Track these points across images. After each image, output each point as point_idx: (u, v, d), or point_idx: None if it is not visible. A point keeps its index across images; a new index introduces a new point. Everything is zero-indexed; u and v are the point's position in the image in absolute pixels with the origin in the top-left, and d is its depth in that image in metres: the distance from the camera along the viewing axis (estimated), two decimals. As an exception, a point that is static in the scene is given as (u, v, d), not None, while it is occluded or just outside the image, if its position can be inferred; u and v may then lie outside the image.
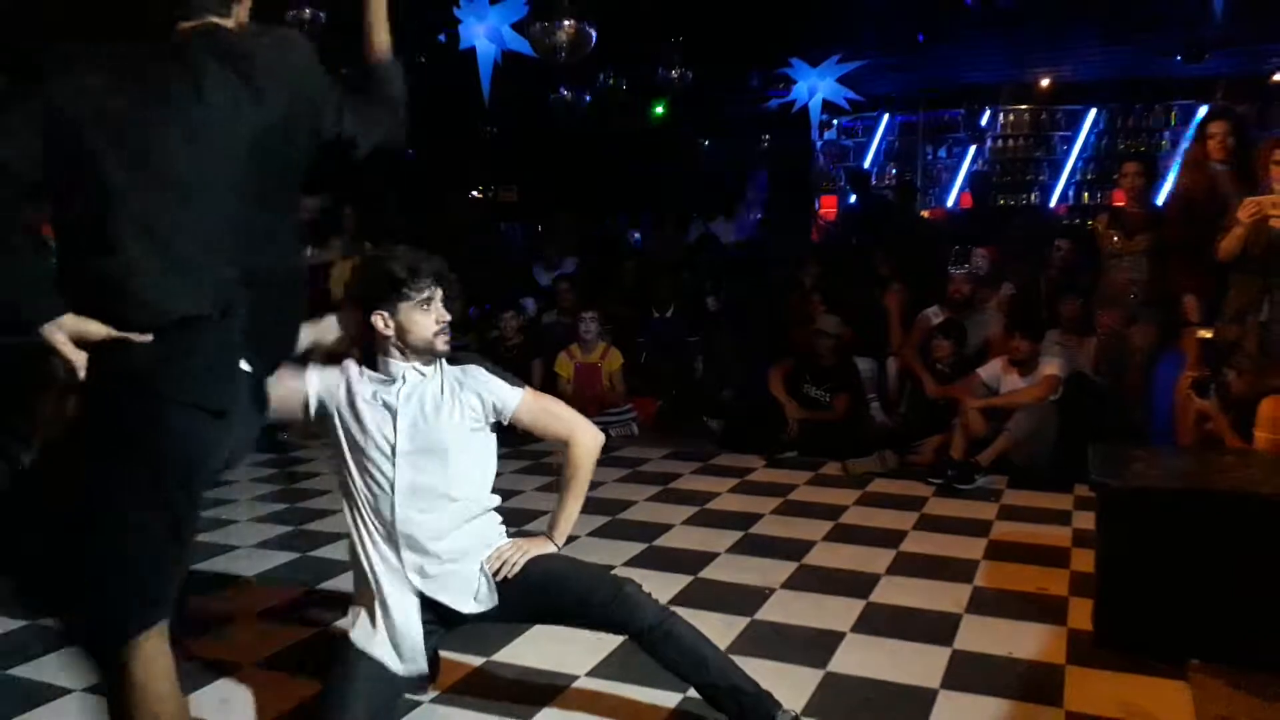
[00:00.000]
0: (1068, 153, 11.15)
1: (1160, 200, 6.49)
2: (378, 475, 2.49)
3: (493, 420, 2.60)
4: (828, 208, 11.65)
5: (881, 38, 8.79)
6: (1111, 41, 8.82)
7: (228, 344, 1.85)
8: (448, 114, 10.33)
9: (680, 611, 3.37)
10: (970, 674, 2.96)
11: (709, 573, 3.83)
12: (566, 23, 6.20)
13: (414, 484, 2.48)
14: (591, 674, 2.97)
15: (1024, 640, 3.18)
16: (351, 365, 2.57)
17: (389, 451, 2.48)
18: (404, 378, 2.52)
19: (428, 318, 2.48)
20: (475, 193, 13.28)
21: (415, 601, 2.51)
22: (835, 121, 11.66)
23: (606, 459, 5.78)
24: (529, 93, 8.87)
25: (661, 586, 3.64)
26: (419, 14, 7.18)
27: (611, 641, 3.17)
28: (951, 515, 4.62)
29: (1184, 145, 10.41)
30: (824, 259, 7.74)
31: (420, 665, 2.53)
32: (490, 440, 2.64)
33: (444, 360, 2.56)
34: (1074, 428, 5.15)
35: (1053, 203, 11.12)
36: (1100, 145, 11.09)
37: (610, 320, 7.23)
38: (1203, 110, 10.50)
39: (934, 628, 3.29)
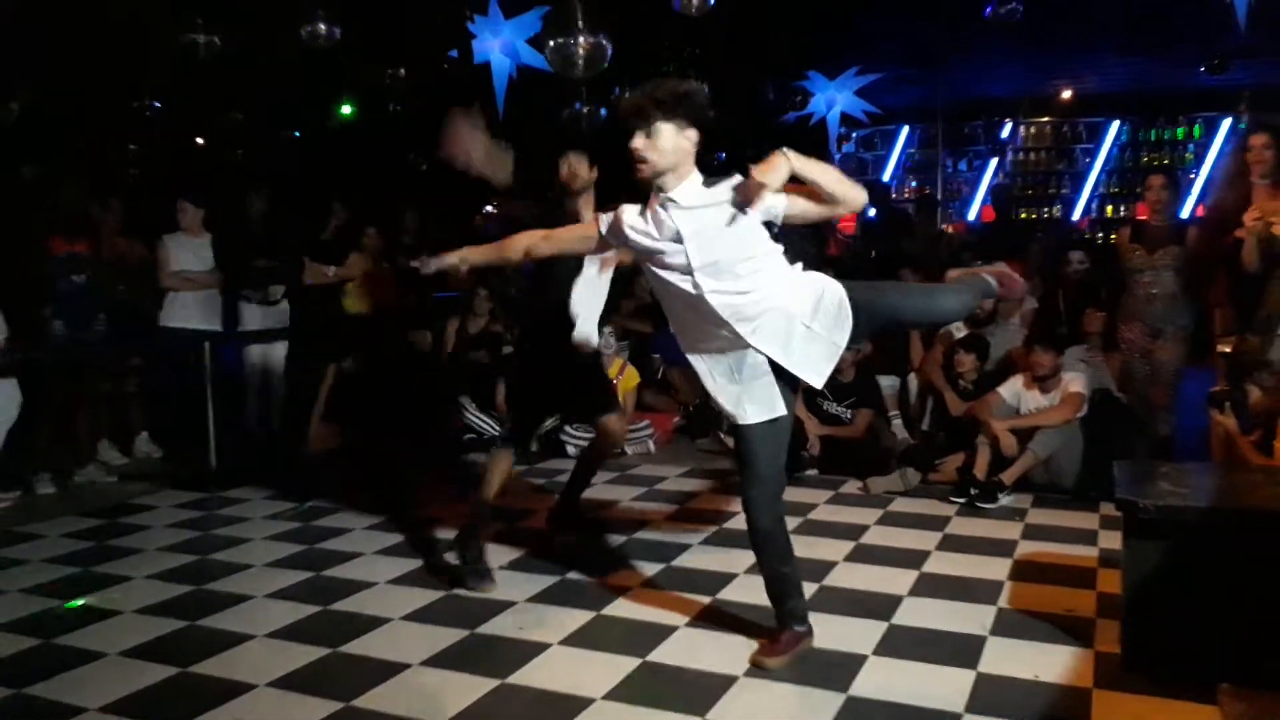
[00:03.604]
0: (1090, 165, 11.08)
1: (1185, 214, 6.43)
2: None
3: None
4: (845, 221, 11.61)
5: (900, 50, 8.77)
6: (1133, 54, 8.76)
7: None
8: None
9: (698, 633, 3.38)
10: (996, 697, 2.90)
11: (727, 594, 3.77)
12: (582, 37, 6.19)
13: None
14: (609, 696, 2.93)
15: (1050, 663, 3.12)
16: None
17: None
18: None
19: None
20: (490, 207, 13.31)
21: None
22: (853, 134, 11.63)
23: (623, 477, 5.80)
24: (544, 107, 8.88)
25: (679, 608, 3.61)
26: (434, 28, 7.22)
27: (630, 663, 3.15)
28: (975, 535, 4.54)
29: (1216, 157, 10.36)
30: (842, 273, 7.68)
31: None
32: None
33: None
34: (1099, 446, 5.07)
35: (1075, 216, 11.05)
36: (1123, 158, 11.03)
37: (626, 335, 7.20)
38: (1226, 122, 10.44)
39: (958, 650, 3.23)
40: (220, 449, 5.85)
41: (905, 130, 11.69)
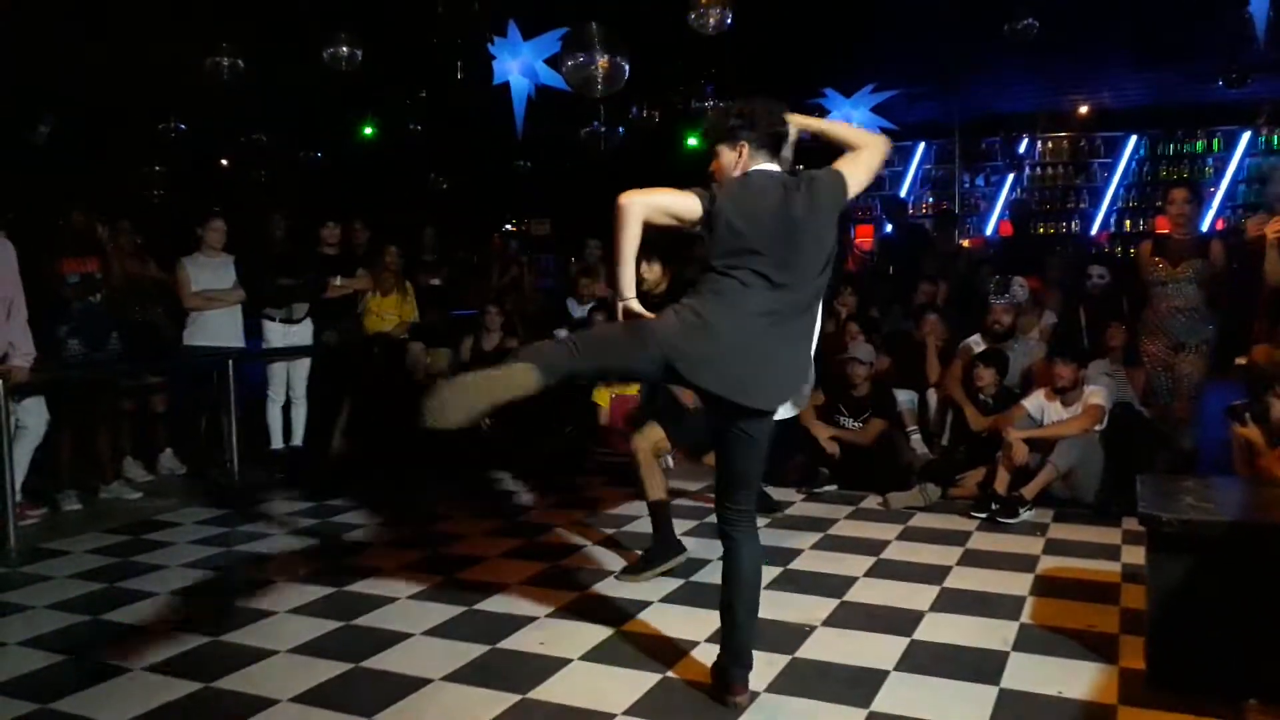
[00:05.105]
0: (1108, 180, 11.04)
1: (1204, 226, 6.40)
2: None
3: None
4: (862, 237, 11.62)
5: (916, 67, 8.78)
6: (1151, 68, 8.75)
7: None
8: (482, 149, 10.44)
9: (717, 649, 3.35)
10: (1018, 714, 2.88)
11: (747, 608, 3.77)
12: (600, 57, 6.23)
13: None
14: (629, 711, 2.93)
15: (1074, 679, 3.10)
16: None
17: None
18: None
19: None
20: (509, 226, 13.43)
21: None
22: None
23: (640, 493, 5.77)
24: (562, 126, 8.95)
25: (698, 624, 3.60)
26: (454, 50, 7.29)
27: (650, 679, 3.14)
28: (996, 550, 4.52)
29: (1237, 169, 10.30)
30: (860, 288, 7.69)
31: None
32: None
33: None
34: (1121, 459, 5.04)
35: (1094, 230, 11.01)
36: (1142, 172, 10.98)
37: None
38: (1246, 136, 10.40)
39: (980, 666, 3.21)
40: (243, 466, 5.90)
41: (922, 146, 11.70)
